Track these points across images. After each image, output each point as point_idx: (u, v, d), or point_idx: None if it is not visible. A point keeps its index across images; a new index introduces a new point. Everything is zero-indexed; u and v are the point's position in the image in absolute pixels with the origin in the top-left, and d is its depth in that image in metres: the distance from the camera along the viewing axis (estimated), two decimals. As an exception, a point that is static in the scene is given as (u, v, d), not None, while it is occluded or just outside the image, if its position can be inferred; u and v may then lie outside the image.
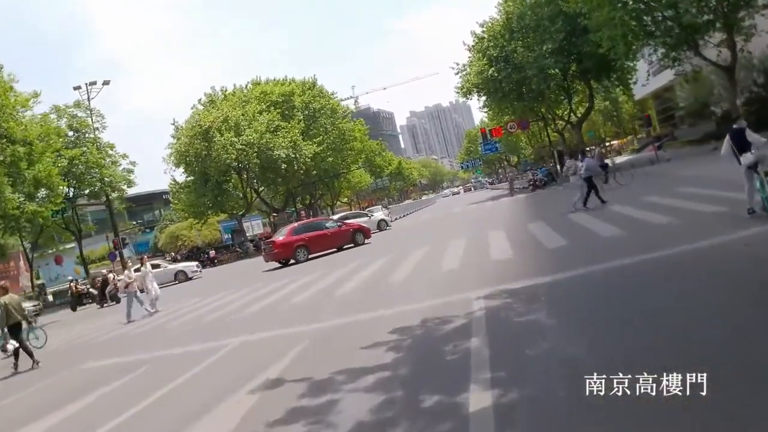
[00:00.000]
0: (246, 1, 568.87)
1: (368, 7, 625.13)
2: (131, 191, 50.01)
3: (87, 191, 43.64)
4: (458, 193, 73.66)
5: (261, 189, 55.56)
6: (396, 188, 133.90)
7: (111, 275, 28.60)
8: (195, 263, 36.59)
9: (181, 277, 32.99)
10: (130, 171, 45.76)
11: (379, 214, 40.15)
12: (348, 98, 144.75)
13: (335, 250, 24.25)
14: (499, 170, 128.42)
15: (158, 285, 32.84)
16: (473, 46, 42.57)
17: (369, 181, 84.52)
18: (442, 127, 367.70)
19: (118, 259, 41.20)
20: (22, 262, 51.60)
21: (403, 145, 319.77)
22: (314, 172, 56.30)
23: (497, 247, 12.26)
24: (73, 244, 55.99)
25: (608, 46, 29.10)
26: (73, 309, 30.02)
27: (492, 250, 11.96)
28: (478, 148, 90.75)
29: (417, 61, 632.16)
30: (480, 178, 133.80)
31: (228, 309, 13.73)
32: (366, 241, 24.99)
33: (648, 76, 43.93)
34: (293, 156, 49.60)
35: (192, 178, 51.20)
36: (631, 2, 28.06)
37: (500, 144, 69.52)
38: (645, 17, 28.45)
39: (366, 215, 38.59)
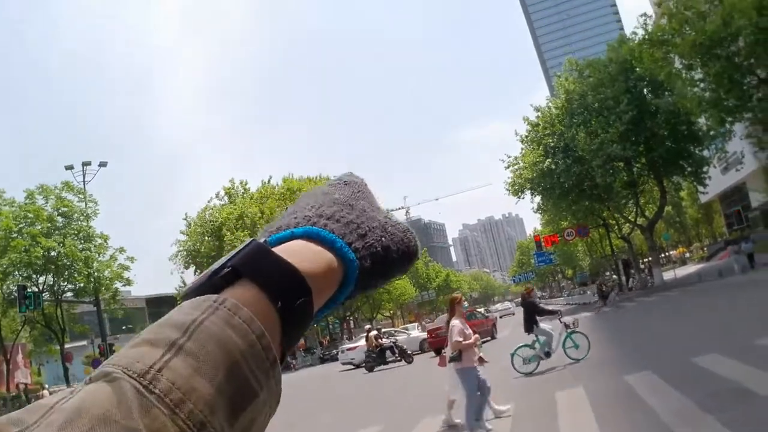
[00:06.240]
0: (305, 104, 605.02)
1: (428, 119, 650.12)
2: (153, 291, 44.38)
3: (68, 286, 38.27)
4: (508, 312, 61.62)
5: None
6: (445, 302, 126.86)
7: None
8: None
9: None
10: (126, 267, 38.86)
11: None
12: (399, 208, 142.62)
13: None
14: (552, 284, 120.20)
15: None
16: (527, 135, 36.86)
17: (413, 294, 78.06)
18: (494, 240, 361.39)
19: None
20: (20, 356, 46.98)
21: (455, 258, 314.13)
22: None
23: None
24: (84, 342, 50.64)
25: (694, 108, 23.46)
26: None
27: None
28: (531, 260, 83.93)
29: (472, 173, 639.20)
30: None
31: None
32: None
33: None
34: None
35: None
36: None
37: (555, 255, 62.86)
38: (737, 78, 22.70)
39: None
